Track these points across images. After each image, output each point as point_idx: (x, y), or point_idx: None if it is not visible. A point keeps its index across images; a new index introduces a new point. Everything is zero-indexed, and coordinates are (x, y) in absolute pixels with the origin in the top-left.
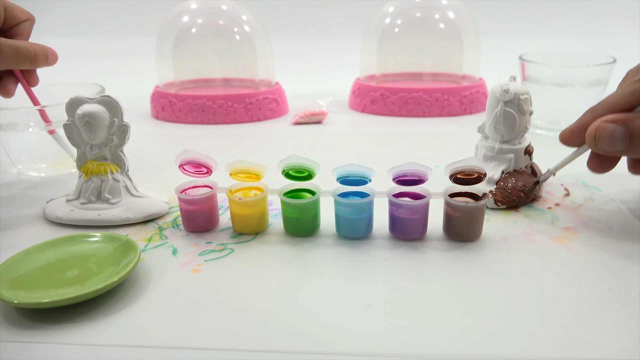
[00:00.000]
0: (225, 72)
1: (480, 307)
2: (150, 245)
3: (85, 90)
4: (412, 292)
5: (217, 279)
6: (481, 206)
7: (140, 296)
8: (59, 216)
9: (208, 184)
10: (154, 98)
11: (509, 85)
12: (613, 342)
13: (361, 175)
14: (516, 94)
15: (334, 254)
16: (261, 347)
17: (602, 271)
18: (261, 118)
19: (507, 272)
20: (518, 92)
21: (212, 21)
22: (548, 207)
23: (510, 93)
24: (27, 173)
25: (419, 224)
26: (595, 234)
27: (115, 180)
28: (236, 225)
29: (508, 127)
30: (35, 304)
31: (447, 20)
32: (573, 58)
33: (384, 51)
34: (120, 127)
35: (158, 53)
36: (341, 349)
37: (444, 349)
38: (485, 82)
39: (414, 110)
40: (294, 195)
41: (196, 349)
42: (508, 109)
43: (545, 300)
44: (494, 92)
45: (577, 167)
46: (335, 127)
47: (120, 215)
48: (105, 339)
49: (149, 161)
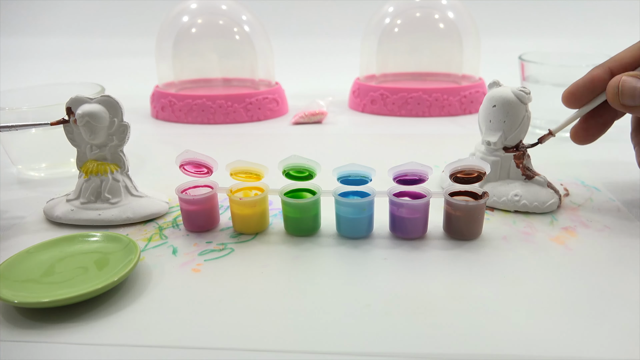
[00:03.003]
0: (225, 72)
1: (480, 306)
2: (150, 245)
3: (85, 90)
4: (412, 292)
5: (217, 278)
6: (481, 205)
7: (140, 296)
8: (58, 216)
9: (208, 184)
10: (154, 98)
11: (525, 88)
12: (613, 342)
13: (362, 175)
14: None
15: (334, 254)
16: (261, 347)
17: (601, 271)
18: (261, 118)
19: (506, 271)
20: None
21: (212, 21)
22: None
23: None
24: (27, 173)
25: (419, 223)
26: (595, 234)
27: (115, 180)
28: (236, 225)
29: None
30: (35, 304)
31: (447, 20)
32: (573, 58)
33: (383, 51)
34: (120, 127)
35: (158, 53)
36: (341, 349)
37: (444, 348)
38: (485, 82)
39: (413, 110)
40: (295, 195)
41: (196, 349)
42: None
43: (545, 300)
44: (513, 98)
45: (577, 167)
46: (335, 127)
47: (120, 215)
48: (105, 339)
49: (149, 161)
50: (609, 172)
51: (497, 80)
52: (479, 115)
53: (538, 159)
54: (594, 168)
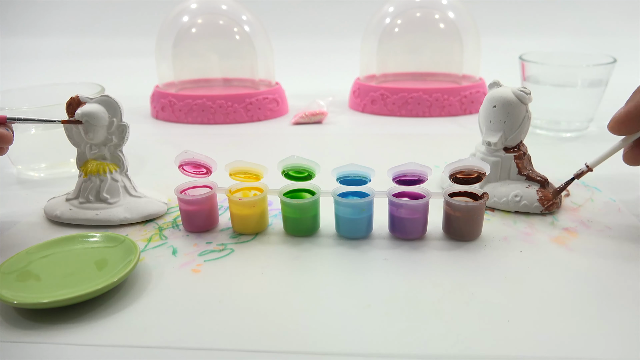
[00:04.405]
0: (225, 72)
1: (480, 307)
2: (150, 245)
3: (85, 90)
4: (412, 292)
5: (217, 279)
6: (481, 206)
7: (140, 296)
8: (57, 215)
9: (208, 184)
10: (154, 98)
11: (525, 88)
12: (613, 342)
13: (361, 175)
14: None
15: (334, 254)
16: (261, 347)
17: (602, 271)
18: (261, 118)
19: (507, 272)
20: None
21: (212, 21)
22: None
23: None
24: (27, 173)
25: (419, 223)
26: (595, 235)
27: (114, 180)
28: (236, 225)
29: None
30: (35, 304)
31: (447, 20)
32: (573, 58)
33: (383, 51)
34: (119, 127)
35: (158, 53)
36: (341, 349)
37: (444, 349)
38: (485, 82)
39: (414, 110)
40: (294, 195)
41: (196, 349)
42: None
43: (545, 300)
44: (514, 99)
45: (577, 167)
46: (335, 127)
47: (118, 215)
48: (105, 339)
49: (149, 161)
50: (610, 172)
51: (497, 80)
52: (479, 115)
53: (538, 159)
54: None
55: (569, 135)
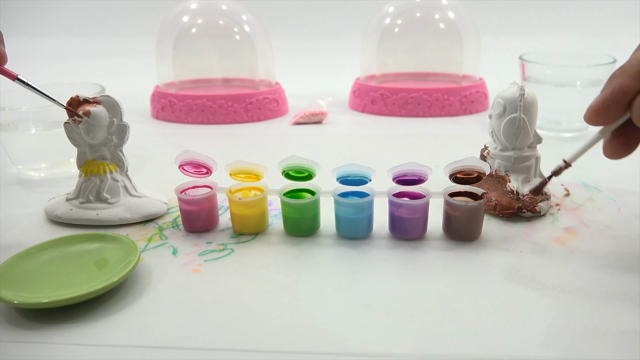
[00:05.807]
0: (225, 72)
1: (480, 307)
2: (150, 245)
3: (85, 90)
4: (412, 292)
5: (217, 279)
6: (481, 206)
7: (140, 296)
8: (58, 215)
9: (208, 184)
10: (154, 98)
11: (523, 87)
12: (613, 342)
13: (361, 175)
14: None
15: (334, 254)
16: (261, 347)
17: (602, 271)
18: (261, 118)
19: (507, 272)
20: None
21: (212, 21)
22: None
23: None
24: (27, 173)
25: (419, 223)
26: (596, 234)
27: (114, 180)
28: (236, 225)
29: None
30: (35, 304)
31: (447, 20)
32: (573, 58)
33: (384, 51)
34: (119, 127)
35: (158, 53)
36: (341, 349)
37: (444, 349)
38: (485, 82)
39: (414, 110)
40: (294, 195)
41: (196, 349)
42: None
43: (545, 300)
44: (512, 97)
45: (578, 167)
46: (335, 127)
47: (118, 215)
48: (105, 339)
49: (149, 161)
50: (610, 172)
51: (521, 84)
52: (500, 127)
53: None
54: (595, 168)
55: (569, 135)
